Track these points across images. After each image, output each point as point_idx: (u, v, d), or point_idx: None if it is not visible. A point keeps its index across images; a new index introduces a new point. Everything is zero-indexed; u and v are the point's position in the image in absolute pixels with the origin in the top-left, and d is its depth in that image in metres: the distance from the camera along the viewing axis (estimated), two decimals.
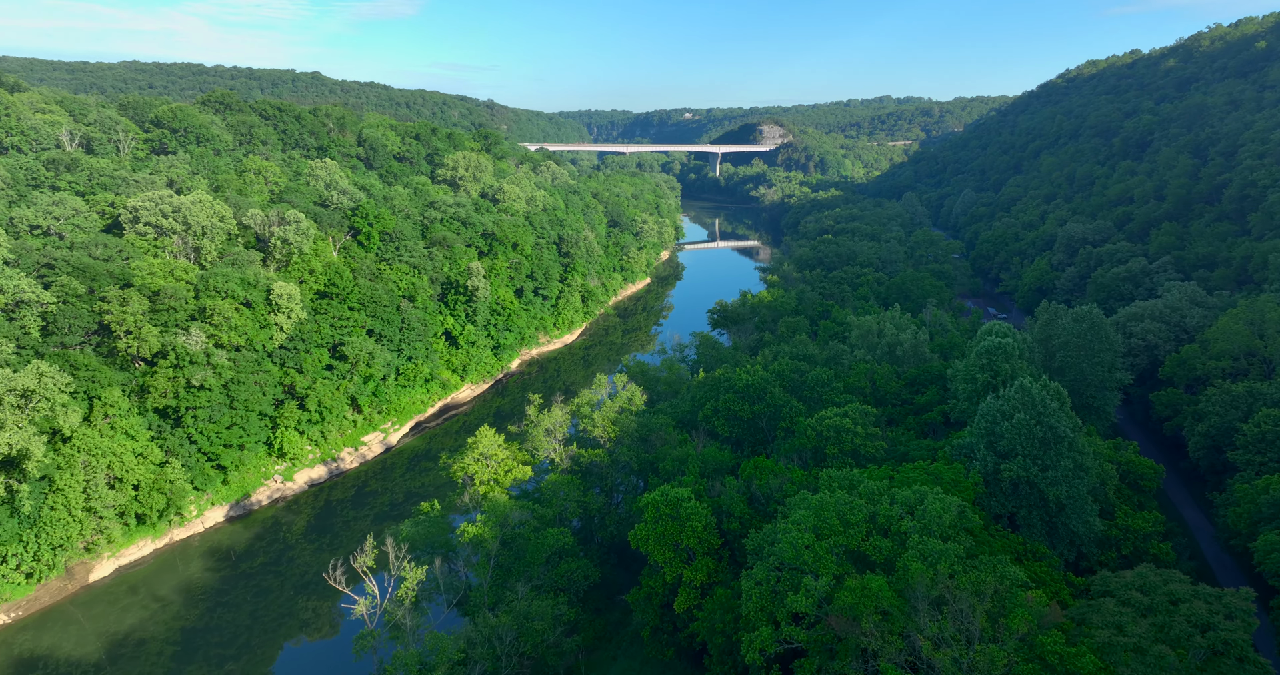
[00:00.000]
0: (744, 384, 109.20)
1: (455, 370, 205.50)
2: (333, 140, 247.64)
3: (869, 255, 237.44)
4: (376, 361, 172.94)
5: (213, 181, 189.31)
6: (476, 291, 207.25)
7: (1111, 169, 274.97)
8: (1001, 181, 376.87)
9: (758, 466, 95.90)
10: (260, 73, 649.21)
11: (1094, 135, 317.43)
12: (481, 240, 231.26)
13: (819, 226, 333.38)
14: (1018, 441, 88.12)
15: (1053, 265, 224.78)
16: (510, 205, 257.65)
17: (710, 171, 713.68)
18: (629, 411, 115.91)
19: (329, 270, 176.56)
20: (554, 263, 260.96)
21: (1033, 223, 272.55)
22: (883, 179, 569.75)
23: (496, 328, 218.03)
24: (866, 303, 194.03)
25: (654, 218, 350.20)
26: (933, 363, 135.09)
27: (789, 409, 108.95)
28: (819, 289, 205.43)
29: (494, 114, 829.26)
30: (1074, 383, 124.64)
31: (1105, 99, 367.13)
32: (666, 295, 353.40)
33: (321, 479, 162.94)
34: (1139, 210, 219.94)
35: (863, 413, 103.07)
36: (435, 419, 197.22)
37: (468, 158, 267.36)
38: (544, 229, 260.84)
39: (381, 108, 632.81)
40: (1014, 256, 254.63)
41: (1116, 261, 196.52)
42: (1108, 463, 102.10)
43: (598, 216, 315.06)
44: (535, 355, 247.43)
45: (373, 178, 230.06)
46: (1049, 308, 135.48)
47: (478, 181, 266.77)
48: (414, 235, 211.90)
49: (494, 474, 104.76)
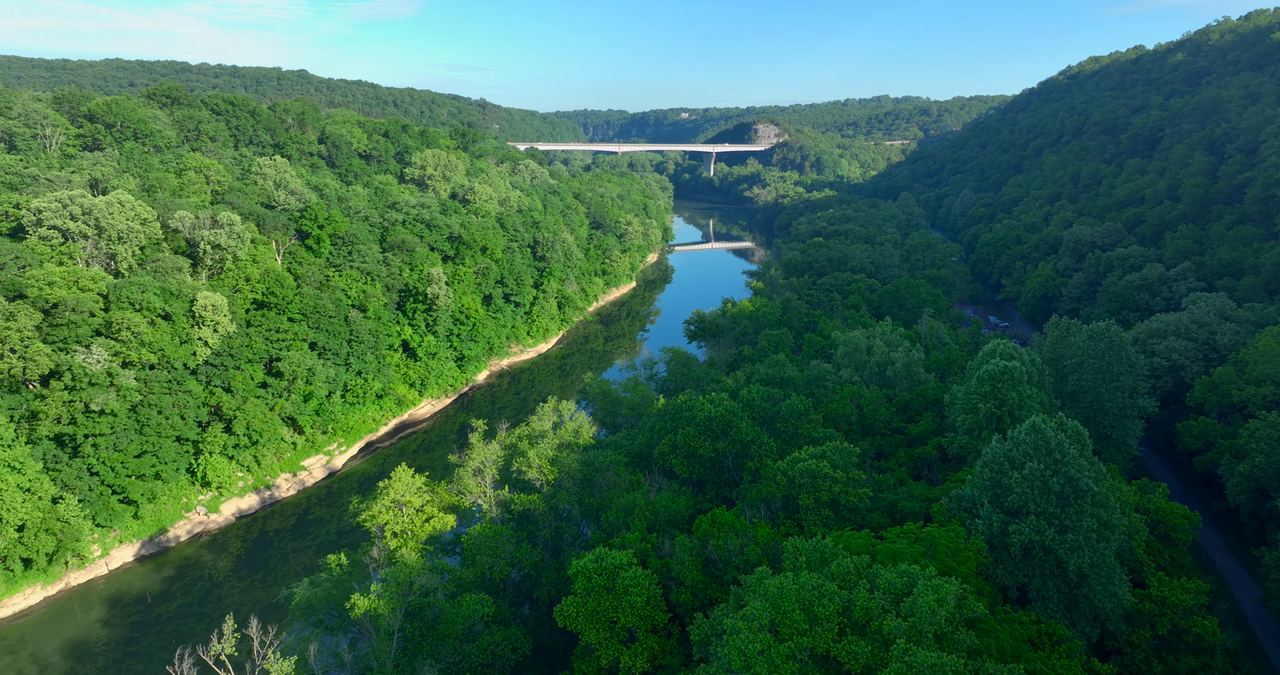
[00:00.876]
0: (705, 416, 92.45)
1: (413, 385, 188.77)
2: (290, 137, 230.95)
3: (862, 259, 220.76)
4: (318, 378, 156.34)
5: (144, 180, 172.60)
6: (437, 299, 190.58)
7: (1119, 167, 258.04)
8: (1002, 181, 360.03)
9: (715, 521, 79.16)
10: (245, 70, 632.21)
11: (1099, 132, 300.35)
12: (447, 244, 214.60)
13: (811, 228, 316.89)
14: (1030, 497, 71.37)
15: (1058, 270, 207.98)
16: (481, 206, 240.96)
17: (705, 171, 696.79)
18: (574, 446, 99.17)
19: (268, 278, 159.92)
20: (528, 267, 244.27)
21: (1036, 224, 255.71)
22: (879, 179, 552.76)
23: (460, 338, 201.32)
24: (857, 312, 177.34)
25: (639, 219, 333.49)
26: (928, 385, 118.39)
27: (758, 446, 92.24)
28: (806, 297, 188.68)
29: (486, 113, 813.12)
30: (1090, 411, 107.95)
31: (1110, 95, 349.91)
32: (654, 300, 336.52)
33: (253, 509, 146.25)
34: (1151, 211, 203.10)
35: (843, 453, 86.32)
36: (389, 438, 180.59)
37: (437, 156, 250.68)
38: (518, 231, 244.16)
39: (368, 106, 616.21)
40: (1016, 260, 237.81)
41: (1129, 267, 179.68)
42: (1134, 512, 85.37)
43: (579, 218, 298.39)
44: (506, 366, 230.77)
45: (328, 177, 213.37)
46: (1060, 323, 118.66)
47: (447, 181, 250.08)
48: (371, 239, 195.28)
49: (408, 525, 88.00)
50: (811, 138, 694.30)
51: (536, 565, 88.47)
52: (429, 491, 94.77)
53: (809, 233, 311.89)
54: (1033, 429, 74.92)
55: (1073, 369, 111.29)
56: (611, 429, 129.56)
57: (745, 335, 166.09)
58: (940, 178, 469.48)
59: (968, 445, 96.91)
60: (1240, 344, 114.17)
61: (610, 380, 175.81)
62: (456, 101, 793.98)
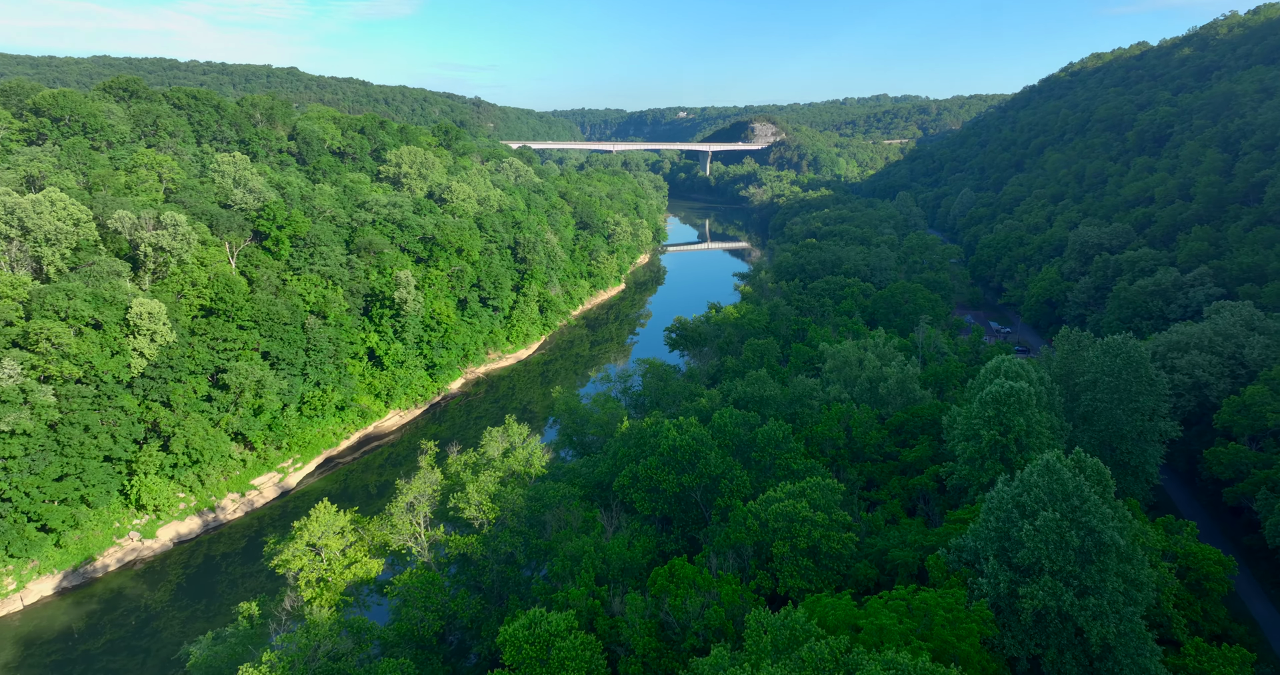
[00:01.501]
0: (669, 446, 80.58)
1: (378, 395, 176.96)
2: (258, 134, 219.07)
3: (856, 262, 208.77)
4: (269, 390, 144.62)
5: (87, 178, 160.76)
6: (404, 304, 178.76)
7: (1126, 165, 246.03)
8: (1002, 180, 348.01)
9: (674, 575, 67.35)
10: (234, 67, 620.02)
11: (1104, 129, 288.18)
12: (420, 245, 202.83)
13: (805, 228, 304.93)
14: (1044, 553, 59.57)
15: (1063, 274, 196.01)
16: (458, 206, 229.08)
17: (701, 170, 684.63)
18: (524, 477, 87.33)
19: (216, 282, 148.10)
20: (508, 269, 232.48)
21: (1038, 225, 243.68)
22: (877, 178, 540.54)
23: (430, 345, 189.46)
24: (850, 318, 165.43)
25: (628, 219, 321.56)
26: (924, 403, 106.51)
27: (729, 481, 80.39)
28: (796, 302, 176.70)
29: (480, 112, 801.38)
30: (1105, 435, 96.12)
31: (1114, 91, 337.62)
32: (644, 302, 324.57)
33: (193, 534, 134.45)
34: (1162, 212, 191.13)
35: (826, 491, 74.51)
36: (352, 453, 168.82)
37: (414, 153, 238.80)
38: (497, 232, 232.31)
39: (359, 104, 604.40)
40: (1018, 263, 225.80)
41: (1140, 271, 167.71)
42: (1161, 559, 73.51)
43: (564, 218, 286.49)
44: (483, 373, 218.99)
45: (293, 174, 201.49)
46: (1071, 336, 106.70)
47: (424, 179, 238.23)
48: (336, 240, 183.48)
49: (325, 571, 76.13)
50: (809, 137, 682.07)
51: (476, 616, 76.69)
52: (357, 529, 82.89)
53: (803, 233, 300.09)
54: (1046, 470, 63.07)
55: (1085, 387, 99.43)
56: (581, 449, 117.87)
57: (729, 344, 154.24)
58: (939, 177, 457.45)
59: (969, 477, 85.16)
60: (1272, 359, 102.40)
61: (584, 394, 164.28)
62: (451, 99, 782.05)
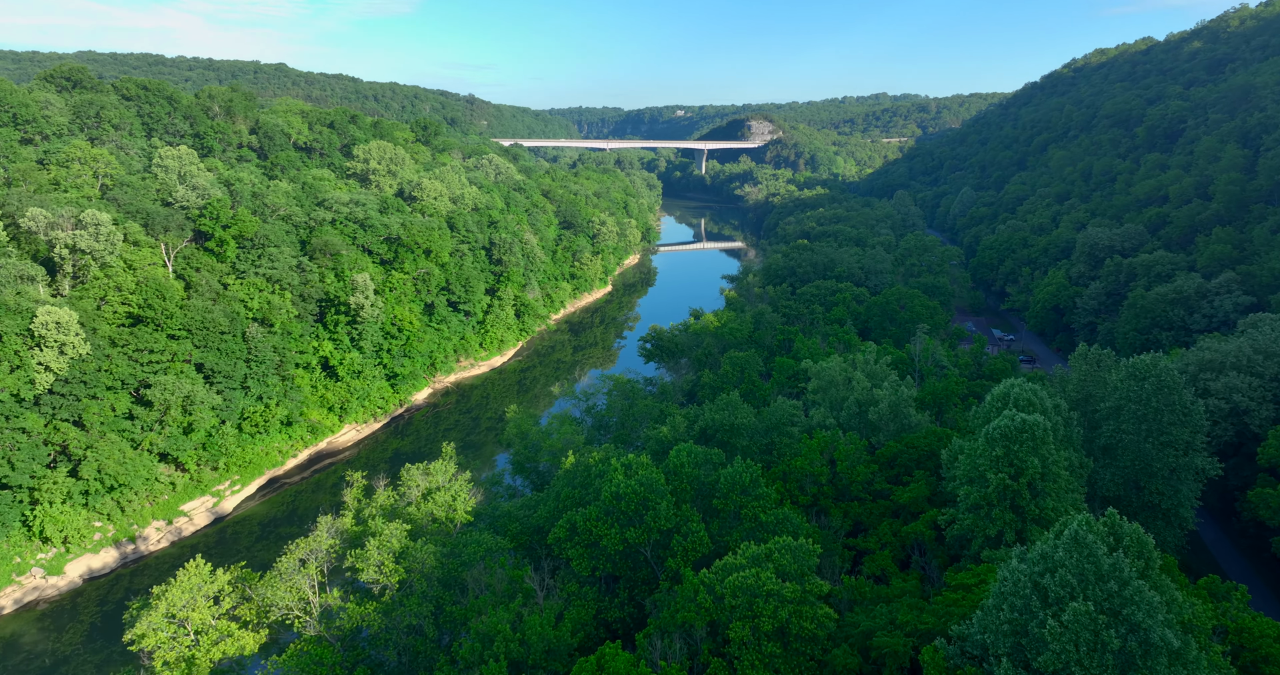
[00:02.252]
0: (613, 493, 66.41)
1: (331, 409, 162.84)
2: (214, 127, 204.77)
3: (850, 264, 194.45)
4: (200, 406, 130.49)
5: (7, 171, 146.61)
6: (361, 310, 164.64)
7: (1136, 163, 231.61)
8: (1004, 178, 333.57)
9: (603, 669, 53.14)
10: (220, 63, 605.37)
11: (1111, 125, 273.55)
12: (384, 246, 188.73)
13: (799, 228, 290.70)
14: (1073, 656, 45.50)
15: (1072, 278, 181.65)
16: (428, 205, 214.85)
17: (696, 169, 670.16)
18: (445, 524, 73.10)
19: (145, 287, 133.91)
20: (481, 271, 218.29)
21: (1043, 226, 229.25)
22: (874, 177, 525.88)
23: (391, 353, 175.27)
24: (841, 327, 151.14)
25: (614, 219, 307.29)
26: (921, 431, 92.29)
27: (685, 536, 66.29)
28: (784, 309, 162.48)
29: (474, 109, 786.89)
30: (1131, 472, 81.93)
31: (1120, 87, 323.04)
32: (632, 305, 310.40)
33: (108, 568, 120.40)
34: (1178, 212, 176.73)
35: (798, 553, 60.39)
36: (301, 472, 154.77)
37: (383, 148, 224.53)
38: (470, 232, 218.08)
39: (347, 100, 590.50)
40: (1022, 266, 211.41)
41: (1157, 276, 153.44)
42: (1209, 637, 59.14)
43: (546, 217, 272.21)
44: (453, 382, 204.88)
45: (246, 170, 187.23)
46: (1090, 355, 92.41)
47: (393, 176, 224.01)
48: (290, 241, 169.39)
49: (190, 649, 61.95)
50: (806, 135, 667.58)
51: None
52: (240, 588, 68.66)
53: (796, 233, 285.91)
54: (1075, 544, 48.87)
55: (1107, 416, 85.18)
56: (535, 480, 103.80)
57: (709, 356, 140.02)
58: (939, 176, 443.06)
59: (972, 527, 71.04)
60: None
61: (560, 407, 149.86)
62: (444, 97, 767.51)
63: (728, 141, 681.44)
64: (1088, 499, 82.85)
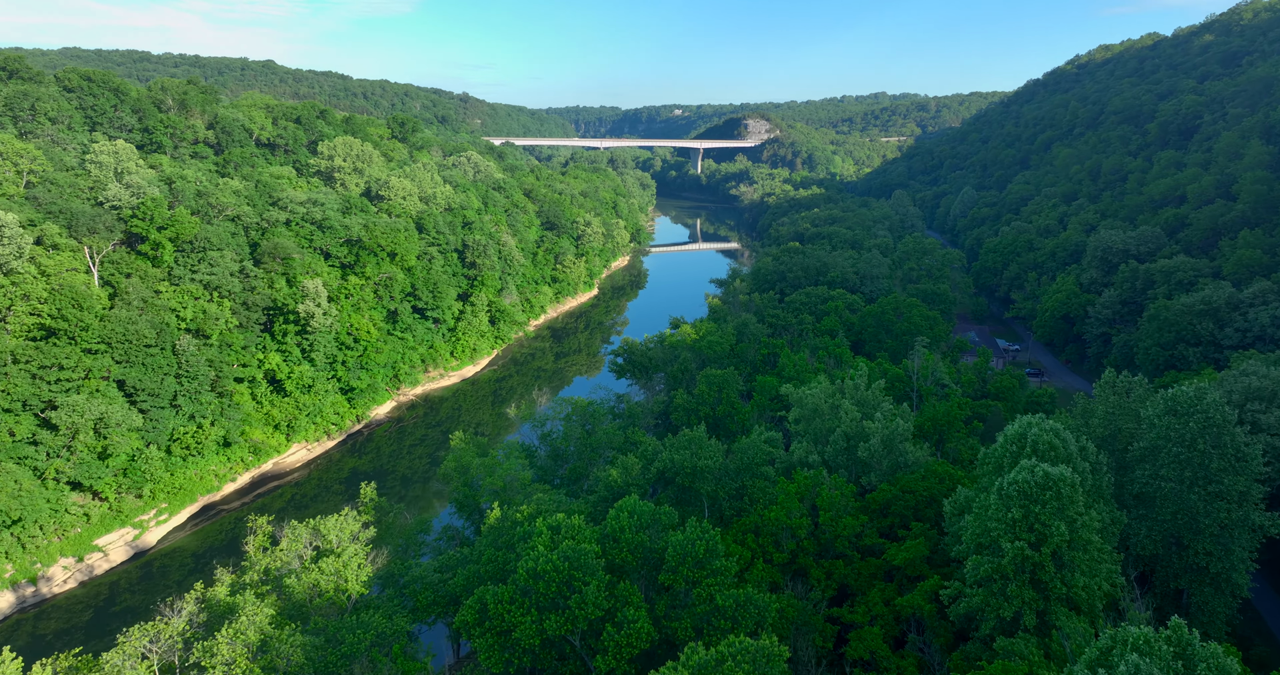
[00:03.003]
0: (529, 571, 52.21)
1: (278, 427, 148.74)
2: (165, 121, 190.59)
3: (844, 269, 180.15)
4: (116, 429, 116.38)
5: None
6: (312, 318, 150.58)
7: (1148, 161, 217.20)
8: (1007, 178, 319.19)
9: None
10: (207, 60, 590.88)
11: (1120, 121, 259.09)
12: (345, 249, 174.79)
13: (793, 230, 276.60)
14: None
15: (1083, 285, 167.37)
16: (396, 204, 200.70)
17: (692, 168, 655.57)
18: (335, 598, 58.89)
19: (59, 296, 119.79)
20: (453, 276, 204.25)
21: (1050, 228, 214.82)
22: (872, 177, 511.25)
23: (347, 365, 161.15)
24: (833, 339, 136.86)
25: (600, 219, 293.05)
26: (918, 472, 78.05)
27: (620, 627, 52.01)
28: (770, 318, 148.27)
29: (467, 107, 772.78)
30: (1171, 526, 67.78)
31: (1128, 82, 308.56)
32: (621, 308, 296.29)
33: (2, 614, 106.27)
34: (1198, 213, 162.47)
35: (759, 660, 46.14)
36: (241, 497, 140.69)
37: (348, 144, 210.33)
38: (441, 234, 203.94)
39: (335, 98, 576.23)
40: (1028, 271, 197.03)
41: (1178, 284, 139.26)
42: None
43: (527, 218, 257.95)
44: (421, 394, 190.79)
45: (194, 167, 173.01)
46: (1118, 383, 78.15)
47: (359, 174, 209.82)
48: (237, 243, 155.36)
49: None
50: (804, 134, 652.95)
51: None
52: None
53: (789, 235, 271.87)
54: None
55: (1142, 457, 70.94)
56: (478, 523, 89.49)
57: (686, 372, 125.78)
58: (939, 175, 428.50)
59: (983, 606, 56.86)
60: None
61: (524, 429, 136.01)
62: (437, 94, 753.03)
63: (724, 140, 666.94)
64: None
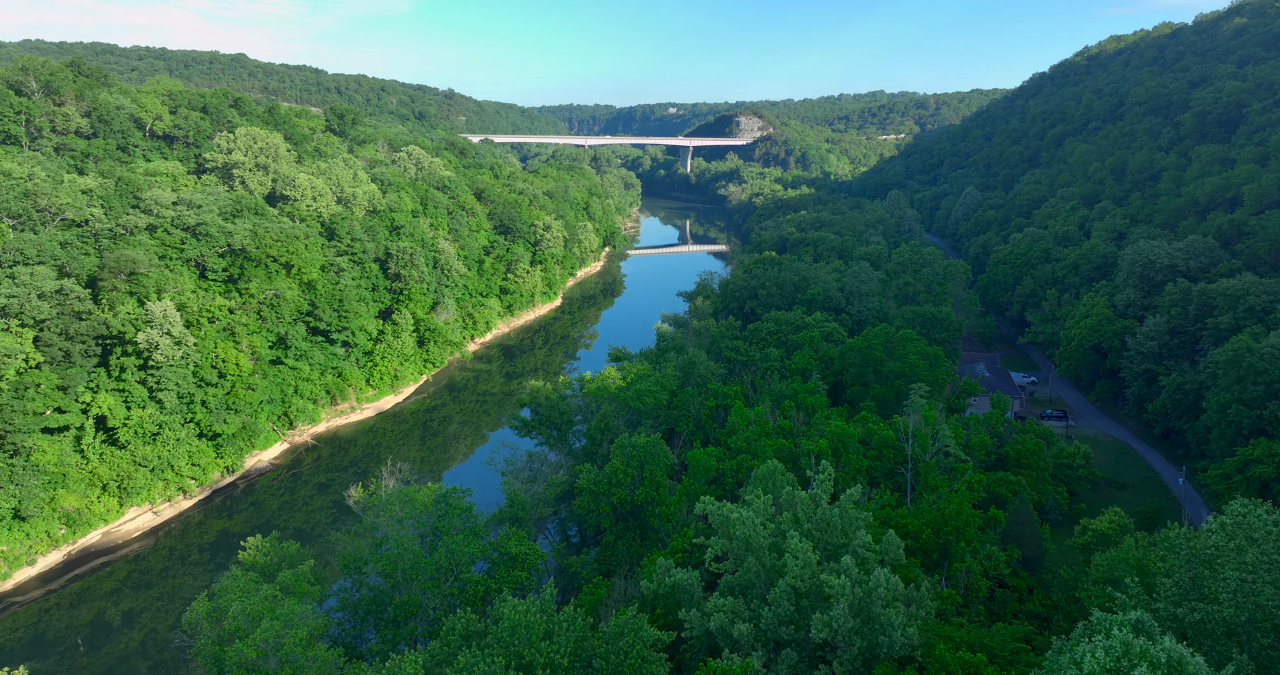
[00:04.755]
0: None
1: (106, 487, 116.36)
2: (15, 108, 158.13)
3: (828, 284, 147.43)
4: None
5: None
6: (155, 350, 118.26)
7: (1184, 157, 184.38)
8: (1013, 177, 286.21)
9: None
10: (173, 54, 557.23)
11: (1146, 113, 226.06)
12: (226, 261, 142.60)
13: (776, 234, 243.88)
14: None
15: (1117, 307, 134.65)
16: (301, 207, 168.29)
17: (681, 167, 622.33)
18: None
19: None
20: (370, 290, 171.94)
21: (1069, 234, 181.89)
22: (867, 176, 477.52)
23: (208, 406, 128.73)
24: (805, 383, 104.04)
25: (562, 222, 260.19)
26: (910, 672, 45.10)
27: None
28: (729, 353, 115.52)
29: (452, 104, 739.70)
30: None
31: (1150, 71, 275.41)
32: (592, 319, 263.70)
33: None
34: (1260, 220, 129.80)
35: None
36: (47, 584, 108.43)
37: (251, 136, 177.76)
38: (357, 242, 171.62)
39: (306, 92, 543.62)
40: (1045, 286, 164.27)
41: (1248, 311, 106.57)
42: None
43: (475, 221, 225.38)
44: (325, 431, 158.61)
45: (32, 162, 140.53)
46: (1249, 513, 45.85)
47: (264, 171, 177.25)
48: (72, 255, 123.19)
49: None
50: (798, 131, 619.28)
51: None
52: None
53: (772, 240, 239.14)
54: None
55: None
56: None
57: (606, 432, 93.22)
58: (938, 174, 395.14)
59: None
60: None
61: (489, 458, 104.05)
62: (421, 91, 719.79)
63: (714, 138, 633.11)
64: None
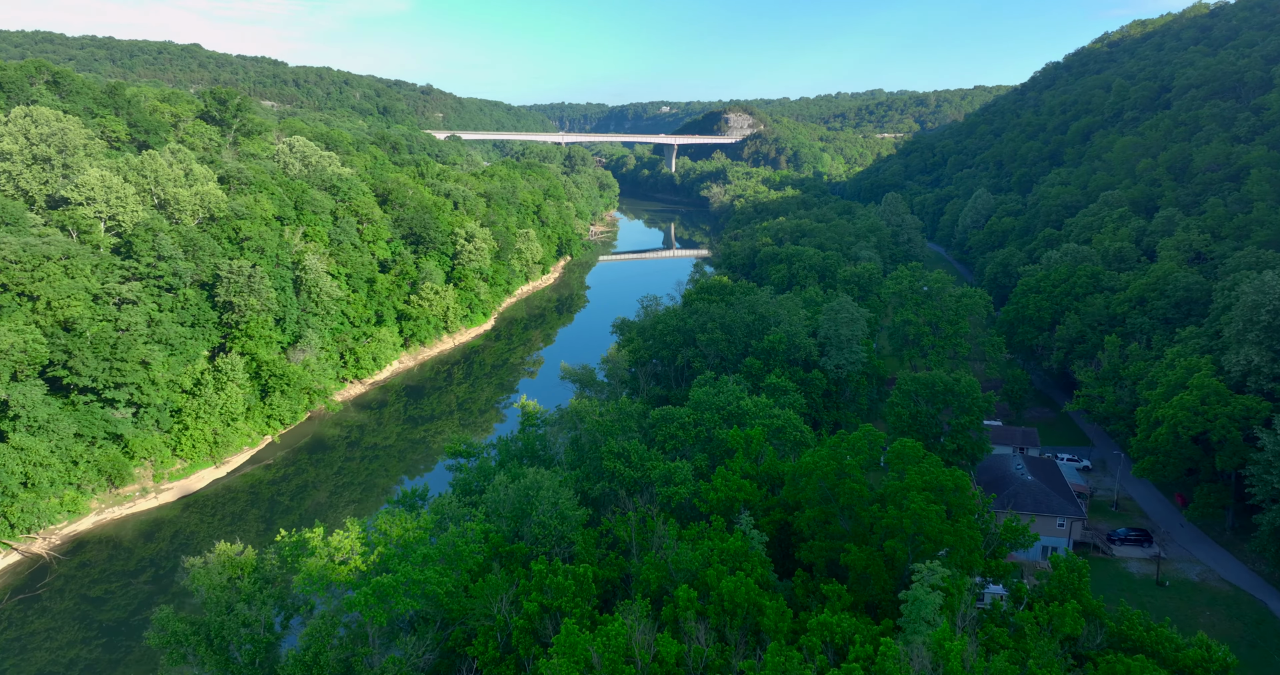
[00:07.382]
0: None
1: None
2: None
3: (795, 328, 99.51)
4: None
5: None
6: None
7: (1277, 148, 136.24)
8: (1031, 177, 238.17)
9: None
10: (120, 43, 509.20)
11: (1208, 97, 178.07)
12: None
13: (748, 245, 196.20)
14: None
15: (1229, 373, 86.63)
16: (85, 214, 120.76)
17: (665, 167, 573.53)
18: None
19: None
20: (188, 326, 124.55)
21: (1124, 254, 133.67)
22: (862, 177, 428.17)
23: None
24: (722, 543, 55.64)
25: (490, 231, 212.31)
26: None
27: None
28: (611, 467, 67.40)
29: (429, 100, 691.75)
30: None
31: (1197, 51, 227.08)
32: (533, 344, 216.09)
33: None
34: None
35: None
36: None
37: (32, 117, 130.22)
38: (170, 259, 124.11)
39: (262, 85, 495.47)
40: (1101, 328, 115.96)
41: None
42: None
43: (372, 230, 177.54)
44: (91, 529, 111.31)
45: None
46: None
47: (47, 166, 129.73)
48: None
49: None
50: (790, 129, 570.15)
51: None
52: None
53: (744, 253, 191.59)
54: None
55: None
56: None
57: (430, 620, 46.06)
58: (941, 174, 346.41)
59: None
60: None
61: None
62: (398, 86, 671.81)
63: (702, 136, 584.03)
64: None
